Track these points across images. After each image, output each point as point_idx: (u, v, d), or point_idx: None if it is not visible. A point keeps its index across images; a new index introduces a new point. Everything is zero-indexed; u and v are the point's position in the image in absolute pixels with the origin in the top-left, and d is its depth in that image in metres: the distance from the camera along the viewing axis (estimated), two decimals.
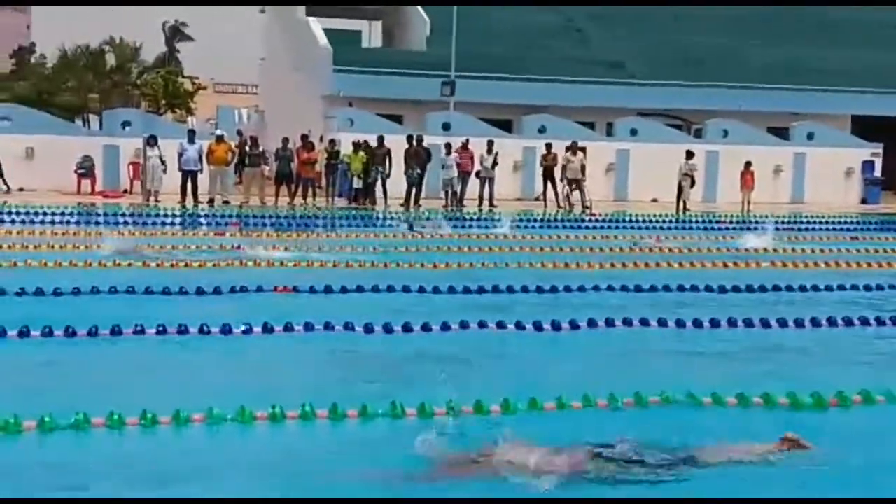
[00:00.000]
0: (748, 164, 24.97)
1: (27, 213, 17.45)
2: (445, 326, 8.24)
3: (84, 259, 11.91)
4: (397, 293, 10.06)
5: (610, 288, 10.53)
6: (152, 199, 21.84)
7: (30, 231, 15.37)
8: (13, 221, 16.57)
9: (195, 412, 5.53)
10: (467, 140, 23.97)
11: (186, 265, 11.79)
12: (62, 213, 17.80)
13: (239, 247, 13.60)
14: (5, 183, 23.15)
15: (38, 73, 54.91)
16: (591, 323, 8.51)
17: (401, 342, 7.92)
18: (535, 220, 19.92)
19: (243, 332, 7.93)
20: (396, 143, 23.14)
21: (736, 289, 10.73)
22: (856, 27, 34.98)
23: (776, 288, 10.87)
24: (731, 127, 28.47)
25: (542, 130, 26.59)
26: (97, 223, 17.30)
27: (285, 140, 23.49)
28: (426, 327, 8.20)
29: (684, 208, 23.37)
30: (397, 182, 22.94)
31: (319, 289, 10.04)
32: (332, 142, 23.91)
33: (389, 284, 10.27)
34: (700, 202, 25.43)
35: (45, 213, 17.51)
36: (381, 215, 20.25)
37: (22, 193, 22.50)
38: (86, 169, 24.11)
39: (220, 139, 22.87)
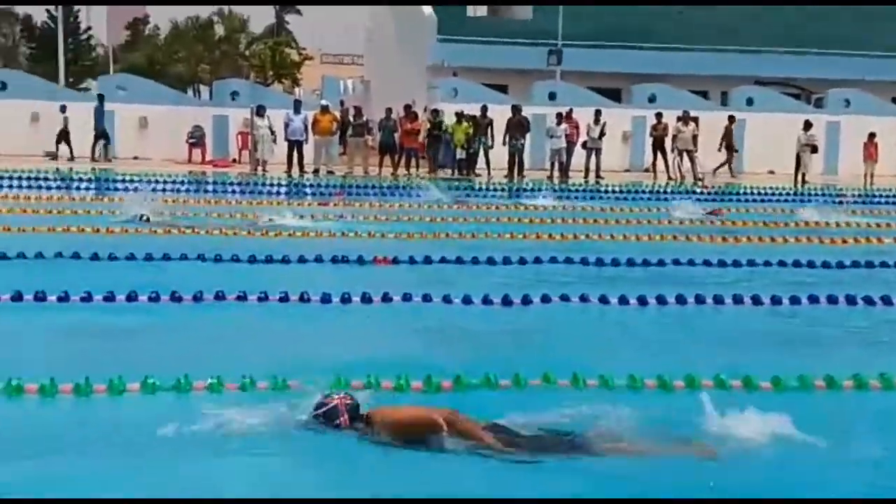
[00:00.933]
0: (872, 135, 23.72)
1: (140, 181, 17.90)
2: (545, 298, 8.01)
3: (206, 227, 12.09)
4: (497, 265, 9.88)
5: (706, 263, 10.12)
6: (260, 168, 22.17)
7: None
8: (126, 189, 16.96)
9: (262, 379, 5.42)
10: (571, 110, 23.44)
11: (290, 235, 11.82)
12: (174, 182, 18.22)
13: (341, 216, 13.64)
14: (71, 152, 23.37)
15: (151, 43, 56.62)
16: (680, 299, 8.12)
17: (497, 315, 7.72)
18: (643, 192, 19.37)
19: (342, 300, 7.84)
20: (501, 114, 22.81)
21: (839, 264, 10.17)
22: None
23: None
24: (854, 97, 27.07)
25: (652, 100, 25.83)
26: (206, 192, 17.67)
27: (388, 110, 23.46)
28: (526, 300, 7.98)
29: (803, 181, 22.36)
30: (500, 153, 22.65)
31: (419, 259, 9.93)
32: (435, 112, 23.74)
33: (489, 256, 10.08)
34: (820, 174, 24.29)
35: (156, 181, 17.95)
36: (483, 186, 20.01)
37: (136, 162, 23.16)
38: (196, 139, 24.68)
39: (324, 109, 23.00)
